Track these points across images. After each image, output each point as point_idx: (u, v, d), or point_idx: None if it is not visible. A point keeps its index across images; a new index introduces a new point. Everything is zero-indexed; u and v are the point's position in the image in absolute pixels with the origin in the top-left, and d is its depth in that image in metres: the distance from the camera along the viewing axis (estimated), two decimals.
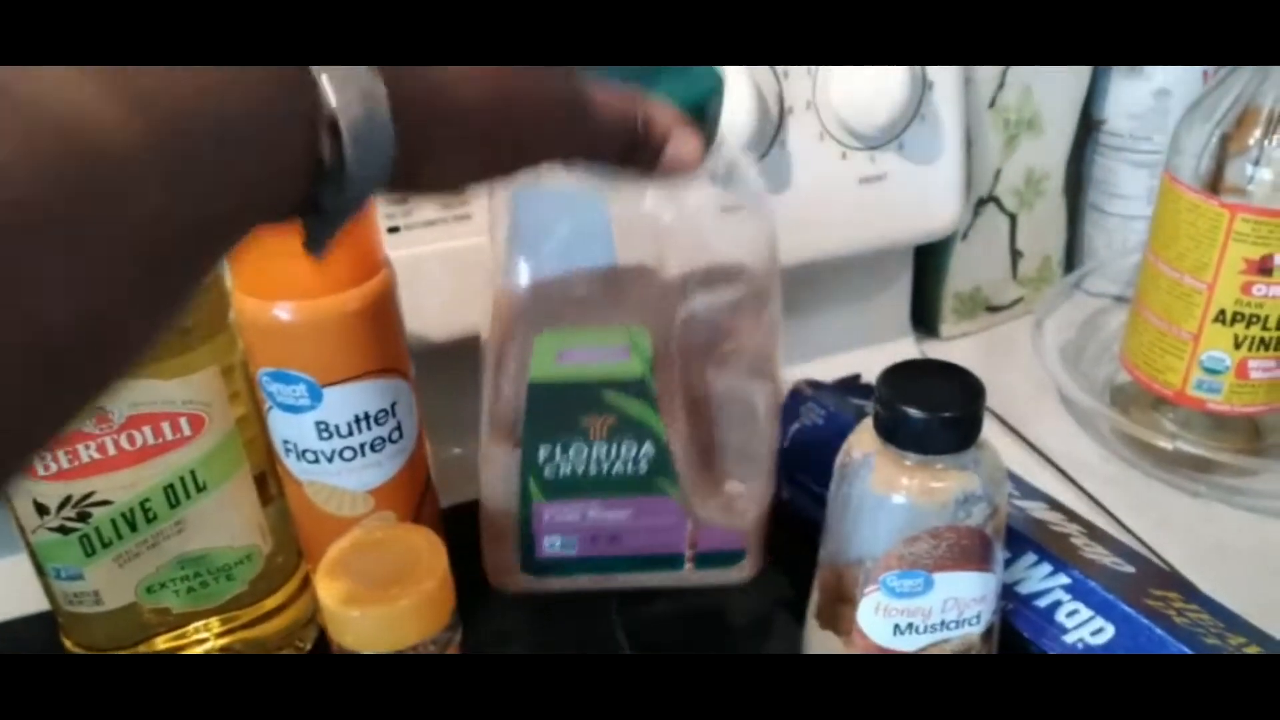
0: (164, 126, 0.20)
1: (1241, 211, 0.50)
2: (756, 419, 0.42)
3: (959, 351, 0.69)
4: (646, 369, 0.38)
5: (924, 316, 0.70)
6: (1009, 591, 0.43)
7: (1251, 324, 0.52)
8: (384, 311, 0.41)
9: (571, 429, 0.39)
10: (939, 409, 0.36)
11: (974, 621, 0.39)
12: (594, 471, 0.41)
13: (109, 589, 0.43)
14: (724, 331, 0.41)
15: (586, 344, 0.37)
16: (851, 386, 0.57)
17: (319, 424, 0.40)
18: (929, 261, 0.68)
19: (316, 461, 0.41)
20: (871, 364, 0.58)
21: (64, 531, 0.41)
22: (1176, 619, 0.41)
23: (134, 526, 0.42)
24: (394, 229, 0.50)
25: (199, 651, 0.46)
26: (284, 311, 0.39)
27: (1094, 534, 0.47)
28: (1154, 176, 0.65)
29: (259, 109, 0.22)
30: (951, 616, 0.39)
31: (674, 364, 0.39)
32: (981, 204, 0.66)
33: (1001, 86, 0.63)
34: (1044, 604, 0.43)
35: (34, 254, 0.18)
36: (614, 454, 0.40)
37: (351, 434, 0.41)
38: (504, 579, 0.44)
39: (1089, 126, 0.68)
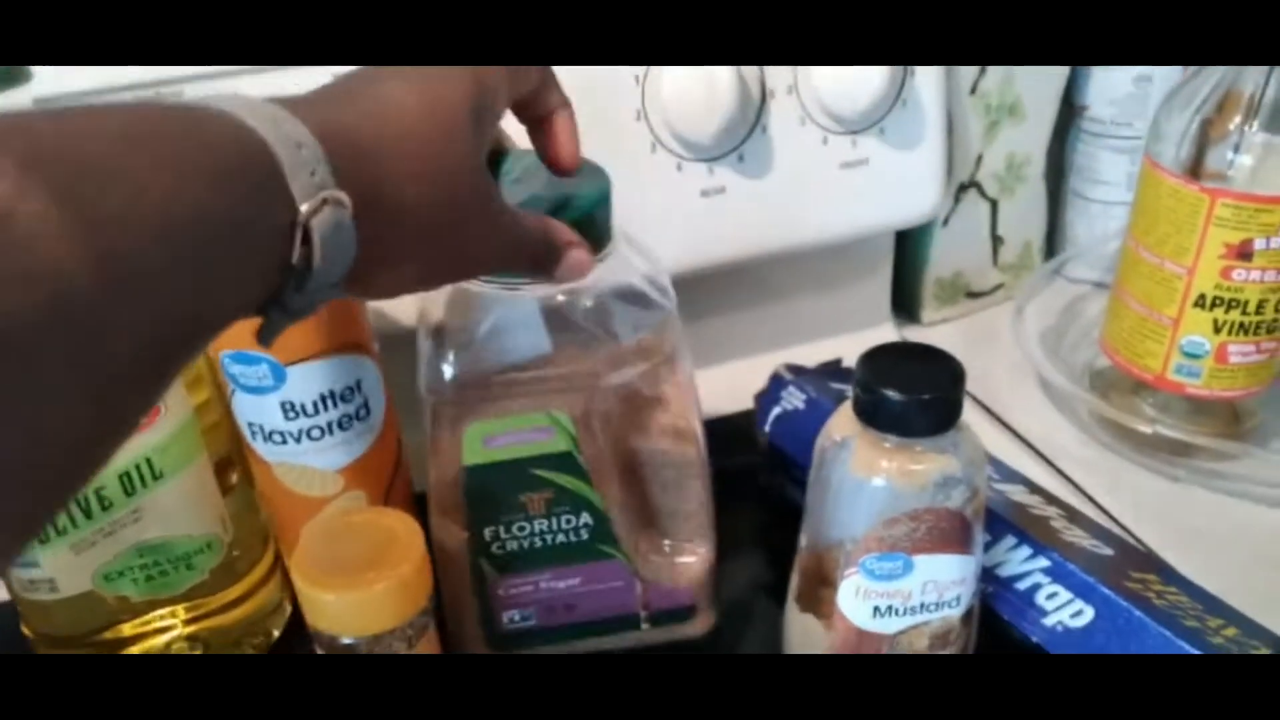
0: (126, 272, 0.20)
1: (1222, 196, 0.50)
2: (685, 480, 0.44)
3: (940, 337, 0.69)
4: (571, 444, 0.40)
5: (905, 302, 0.70)
6: (989, 574, 0.43)
7: (1231, 308, 0.52)
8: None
9: (511, 507, 0.42)
10: (919, 391, 0.36)
11: (954, 604, 0.39)
12: (539, 544, 0.43)
13: (65, 577, 0.43)
14: (641, 402, 0.43)
15: (511, 429, 0.40)
16: (832, 371, 0.56)
17: (284, 404, 0.40)
18: (910, 247, 0.68)
19: (284, 442, 0.41)
20: (852, 350, 0.58)
21: None
22: (1156, 601, 0.41)
23: (89, 514, 0.41)
24: None
25: (164, 639, 0.46)
26: None
27: (1073, 517, 0.47)
28: (1135, 163, 0.65)
29: (238, 222, 0.23)
30: (931, 599, 0.39)
31: (597, 437, 0.41)
32: (963, 190, 0.66)
33: (983, 73, 0.63)
34: (1024, 587, 0.43)
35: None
36: (555, 526, 0.42)
37: (318, 413, 0.40)
38: (468, 651, 0.46)
39: (1070, 113, 0.68)
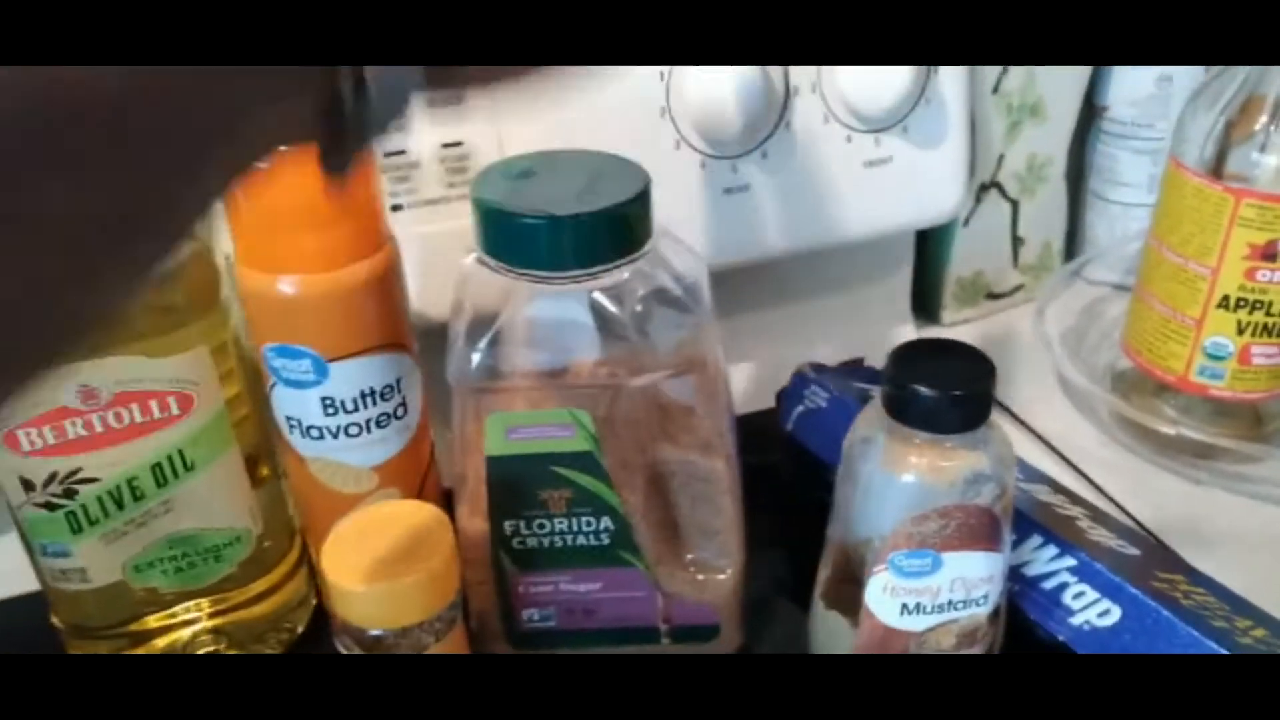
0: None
1: (1246, 197, 0.50)
2: (715, 495, 0.43)
3: (960, 338, 0.68)
4: (592, 444, 0.40)
5: (925, 302, 0.70)
6: (1015, 573, 0.43)
7: (1255, 309, 0.52)
8: (390, 285, 0.40)
9: (531, 502, 0.42)
10: (950, 388, 0.36)
11: (981, 602, 0.39)
12: (559, 544, 0.43)
13: (96, 567, 0.43)
14: (672, 409, 0.43)
15: (533, 422, 0.40)
16: (855, 370, 0.56)
17: (324, 399, 0.40)
18: (930, 247, 0.68)
19: (321, 438, 0.41)
20: (872, 349, 0.58)
21: (50, 508, 0.41)
22: (1183, 601, 0.41)
23: (121, 505, 0.42)
24: (396, 207, 0.50)
25: (189, 632, 0.46)
26: (288, 285, 0.38)
27: (1098, 517, 0.47)
28: (1156, 164, 0.65)
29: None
30: (959, 596, 0.39)
31: (622, 441, 0.41)
32: (984, 190, 0.66)
33: (1005, 73, 0.63)
34: (1050, 586, 0.43)
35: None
36: (575, 527, 0.42)
37: (357, 409, 0.40)
38: (489, 649, 0.46)
39: (1091, 113, 0.68)
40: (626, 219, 0.39)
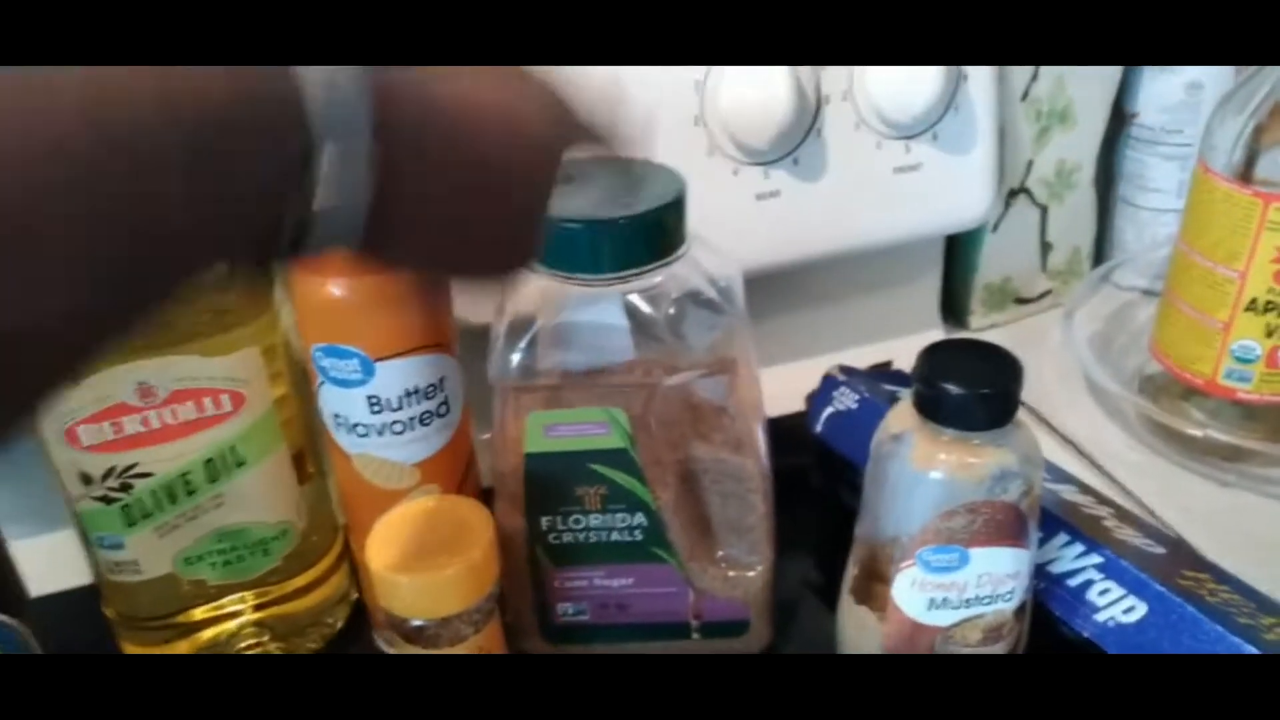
0: (191, 116, 0.20)
1: (1275, 201, 0.51)
2: (746, 492, 0.44)
3: None
4: (627, 442, 0.41)
5: (953, 308, 0.71)
6: (1041, 571, 0.44)
7: None
8: (435, 287, 0.42)
9: (568, 498, 0.43)
10: (978, 386, 0.37)
11: (1007, 598, 0.40)
12: (594, 540, 0.44)
13: (148, 559, 0.44)
14: (704, 409, 0.44)
15: (570, 420, 0.41)
16: (884, 373, 0.57)
17: (370, 398, 0.41)
18: (959, 253, 0.69)
19: (366, 435, 0.42)
20: (901, 354, 0.59)
21: (107, 501, 0.43)
22: (1208, 598, 0.41)
23: (174, 499, 0.43)
24: None
25: (235, 624, 0.47)
26: (338, 287, 0.40)
27: (1124, 516, 0.48)
28: (1185, 170, 0.66)
29: (263, 113, 0.22)
30: (985, 592, 0.40)
31: (655, 439, 0.42)
32: (1013, 195, 0.67)
33: (1034, 79, 0.63)
34: (1076, 583, 0.43)
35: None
36: (609, 523, 0.43)
37: (401, 408, 0.42)
38: (524, 643, 0.47)
39: (1121, 119, 0.68)
40: (662, 224, 0.40)
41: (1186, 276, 0.56)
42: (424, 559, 0.39)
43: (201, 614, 0.47)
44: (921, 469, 0.38)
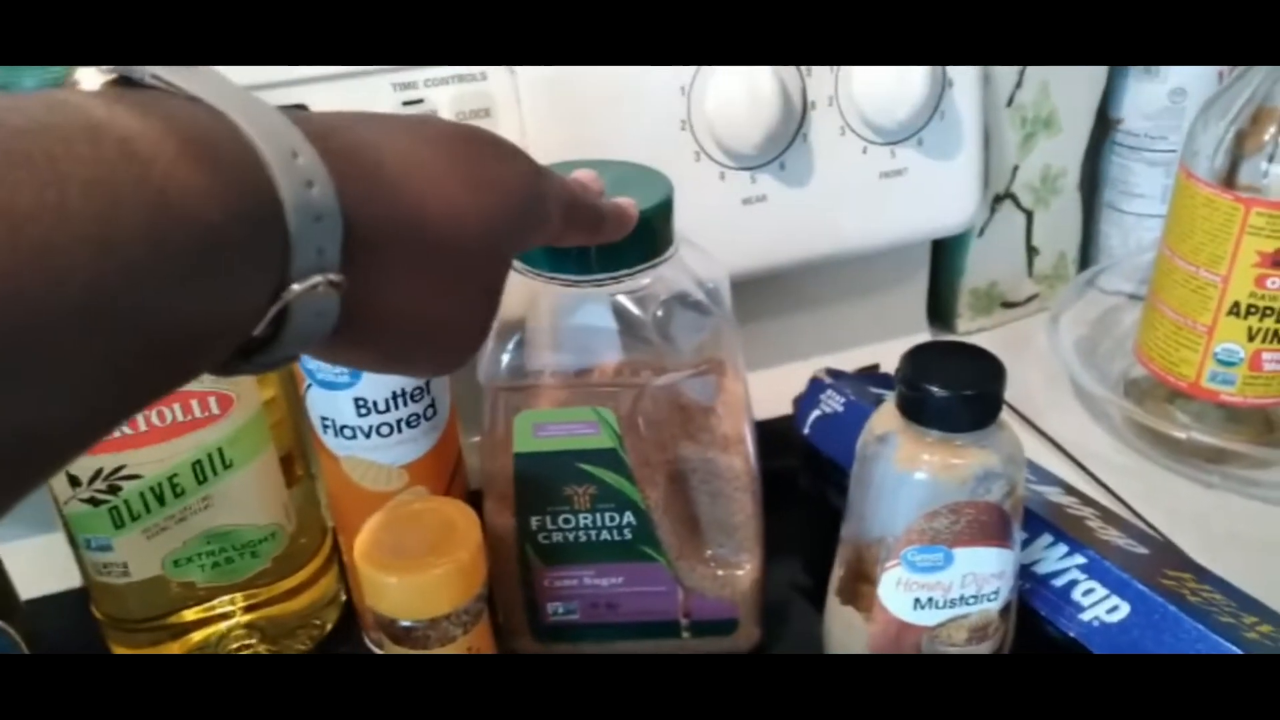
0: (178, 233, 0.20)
1: (1256, 205, 0.51)
2: (734, 492, 0.45)
3: None
4: (615, 441, 0.42)
5: (940, 312, 0.71)
6: (1026, 572, 0.44)
7: (1265, 316, 0.53)
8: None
9: (557, 498, 0.43)
10: (961, 387, 0.38)
11: (992, 597, 0.40)
12: (583, 539, 0.44)
13: (137, 561, 0.45)
14: (693, 410, 0.44)
15: (559, 420, 0.42)
16: (871, 376, 0.58)
17: (357, 400, 0.41)
18: (946, 257, 0.69)
19: (354, 437, 0.42)
20: (888, 358, 0.59)
21: (94, 503, 0.43)
22: (1190, 598, 0.42)
23: (162, 501, 0.43)
24: None
25: (225, 626, 0.48)
26: None
27: (1108, 517, 0.48)
28: (1169, 175, 0.66)
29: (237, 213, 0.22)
30: (970, 591, 0.40)
31: (644, 439, 0.42)
32: (998, 201, 0.67)
33: (1019, 85, 0.64)
34: (1060, 583, 0.44)
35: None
36: (599, 522, 0.44)
37: (388, 410, 0.42)
38: (515, 643, 0.47)
39: (1105, 125, 0.69)
40: (650, 225, 0.40)
41: (1170, 280, 0.56)
42: (412, 560, 0.39)
43: (191, 616, 0.47)
44: (905, 470, 0.39)
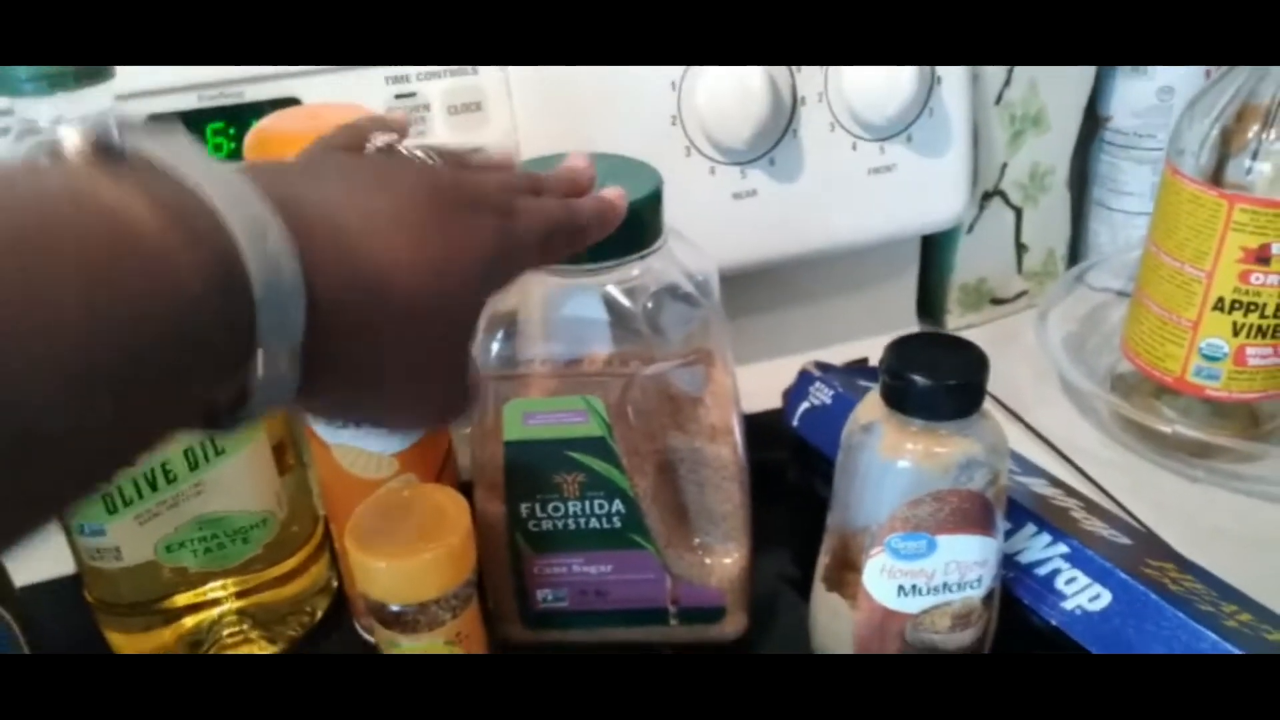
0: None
1: (1240, 201, 0.52)
2: (722, 481, 0.45)
3: None
4: (604, 430, 0.42)
5: (930, 308, 0.72)
6: (1009, 561, 0.45)
7: (1249, 312, 0.53)
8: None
9: (547, 486, 0.44)
10: (944, 377, 0.38)
11: (975, 585, 0.41)
12: (573, 526, 0.45)
13: (130, 546, 0.45)
14: (681, 400, 0.45)
15: (549, 409, 0.42)
16: (859, 369, 0.58)
17: None
18: (935, 253, 0.70)
19: (344, 425, 0.43)
20: (877, 353, 0.60)
21: None
22: (1171, 586, 0.42)
23: (155, 486, 0.44)
24: None
25: (216, 612, 0.48)
26: None
27: (1092, 509, 0.48)
28: (1157, 173, 0.67)
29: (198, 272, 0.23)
30: (953, 579, 0.40)
31: (633, 428, 0.43)
32: (987, 198, 0.68)
33: (1008, 83, 0.64)
34: (1043, 572, 0.44)
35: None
36: (588, 510, 0.44)
37: None
38: (505, 630, 0.48)
39: (1094, 123, 0.70)
40: (639, 216, 0.41)
41: (1155, 276, 0.57)
42: (402, 545, 0.39)
43: (183, 601, 0.47)
44: (889, 458, 0.39)
